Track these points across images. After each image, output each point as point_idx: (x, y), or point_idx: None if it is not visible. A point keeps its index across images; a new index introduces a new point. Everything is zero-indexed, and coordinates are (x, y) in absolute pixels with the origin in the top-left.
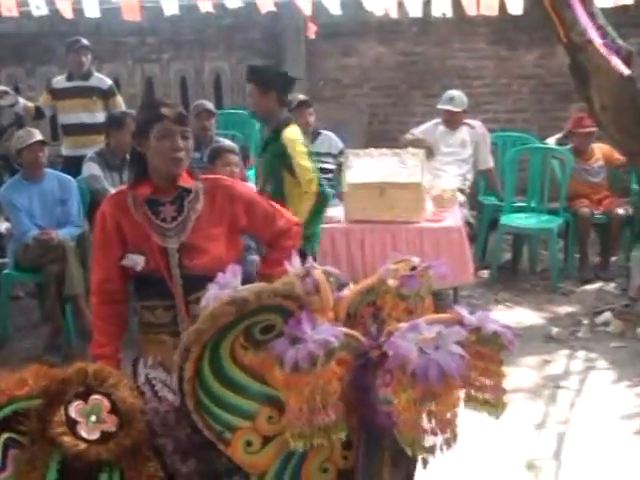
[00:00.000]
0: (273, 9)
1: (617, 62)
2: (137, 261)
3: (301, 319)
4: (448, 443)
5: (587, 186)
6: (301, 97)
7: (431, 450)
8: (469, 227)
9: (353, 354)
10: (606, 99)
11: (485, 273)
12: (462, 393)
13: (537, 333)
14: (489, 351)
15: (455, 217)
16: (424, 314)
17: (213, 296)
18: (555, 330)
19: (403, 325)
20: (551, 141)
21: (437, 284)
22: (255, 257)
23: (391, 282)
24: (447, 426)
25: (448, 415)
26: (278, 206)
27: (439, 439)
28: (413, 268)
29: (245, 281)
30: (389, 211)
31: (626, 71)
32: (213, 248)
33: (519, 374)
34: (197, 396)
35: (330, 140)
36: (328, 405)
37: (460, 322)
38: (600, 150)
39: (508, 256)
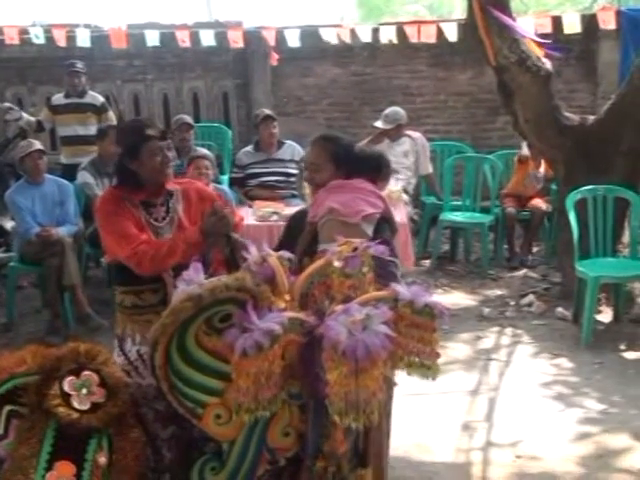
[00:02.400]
0: (242, 45)
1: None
2: None
3: (249, 310)
4: (369, 417)
5: (531, 188)
6: (267, 112)
7: (357, 419)
8: (413, 223)
9: (300, 333)
10: (528, 113)
11: (427, 262)
12: (401, 360)
13: (471, 313)
14: (423, 321)
15: (401, 214)
16: (366, 289)
17: (180, 291)
18: (486, 310)
19: (339, 308)
20: (524, 149)
21: None
22: None
23: (336, 263)
24: (372, 398)
25: (374, 387)
26: (230, 204)
27: (365, 408)
28: (355, 249)
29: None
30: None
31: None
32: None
33: (456, 348)
34: (170, 379)
35: (293, 149)
36: (271, 383)
37: (395, 297)
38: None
39: (446, 247)
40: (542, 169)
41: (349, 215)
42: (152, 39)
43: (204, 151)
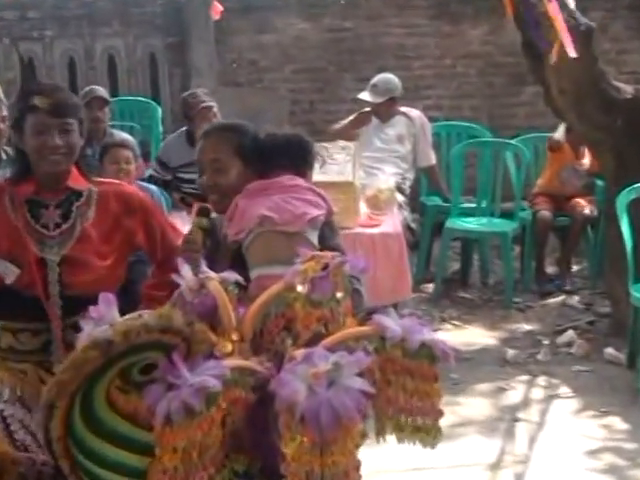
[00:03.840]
0: None
1: (568, 42)
2: (9, 270)
3: (175, 360)
4: None
5: (570, 185)
6: (203, 98)
7: None
8: (410, 232)
9: (248, 389)
10: (564, 82)
11: (429, 287)
12: (389, 421)
13: (490, 356)
14: (419, 366)
15: (393, 221)
16: (341, 322)
17: (85, 336)
18: (511, 352)
19: (299, 353)
20: (560, 132)
21: (371, 301)
22: None
23: (300, 288)
24: (344, 479)
25: (345, 465)
26: (170, 220)
27: None
28: (325, 267)
29: None
30: None
31: (573, 53)
32: (100, 265)
33: (470, 405)
34: (72, 456)
35: None
36: (207, 460)
37: (382, 333)
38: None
39: (456, 266)
40: (585, 160)
41: (289, 222)
42: None
43: (123, 136)
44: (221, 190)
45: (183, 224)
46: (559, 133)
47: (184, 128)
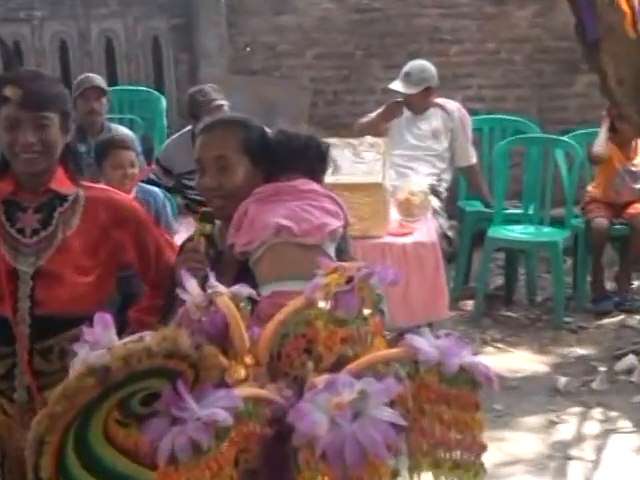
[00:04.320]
0: None
1: (629, 20)
2: None
3: (181, 389)
4: None
5: (627, 191)
6: (214, 96)
7: None
8: (446, 242)
9: (263, 422)
10: (623, 70)
11: (468, 304)
12: (424, 457)
13: (539, 384)
14: (458, 393)
15: (428, 229)
16: (369, 343)
17: (80, 362)
18: (563, 380)
19: (321, 380)
20: (600, 143)
21: (402, 320)
22: None
23: (322, 304)
24: None
25: None
26: (168, 236)
27: None
28: (349, 280)
29: None
30: None
31: (632, 34)
32: (79, 282)
33: (517, 440)
34: None
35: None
36: None
37: (414, 357)
38: None
39: (499, 281)
40: (639, 158)
41: (308, 233)
42: None
43: (122, 131)
44: (227, 193)
45: (189, 232)
46: (600, 145)
47: (189, 127)
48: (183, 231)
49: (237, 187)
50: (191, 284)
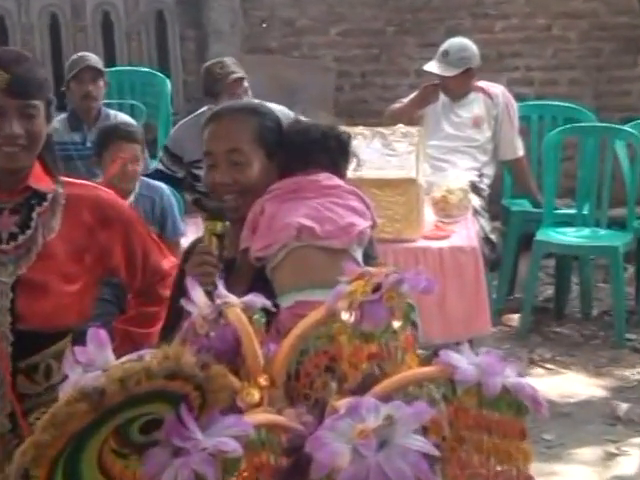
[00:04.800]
0: None
1: None
2: None
3: (184, 415)
4: None
5: None
6: (232, 68)
7: None
8: (489, 247)
9: (279, 452)
10: None
11: (514, 318)
12: None
13: (596, 411)
14: (501, 419)
15: (467, 231)
16: (400, 360)
17: (71, 385)
18: (623, 407)
19: (343, 404)
20: None
21: (438, 337)
22: None
23: (346, 315)
24: None
25: None
26: (156, 237)
27: None
28: (376, 287)
29: None
30: None
31: None
32: (65, 291)
33: (570, 474)
34: None
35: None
36: None
37: (450, 376)
38: None
39: (549, 291)
40: None
41: (333, 235)
42: None
43: (122, 118)
44: (241, 189)
45: (198, 233)
46: None
47: (205, 108)
48: (191, 232)
49: (252, 183)
50: (197, 293)
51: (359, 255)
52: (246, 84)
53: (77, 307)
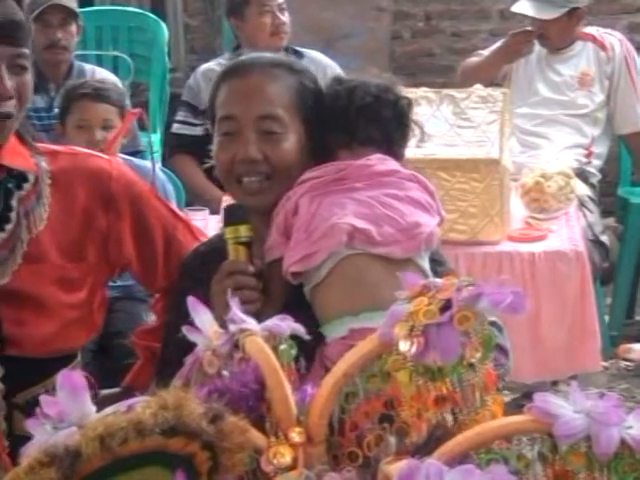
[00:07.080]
0: None
1: None
2: None
3: None
4: None
5: None
6: None
7: None
8: (600, 252)
9: None
10: None
11: (634, 349)
12: None
13: None
14: None
15: (570, 231)
16: (477, 405)
17: (36, 445)
18: None
19: (398, 468)
20: None
21: (531, 374)
22: None
23: (405, 346)
24: None
25: None
26: (181, 214)
27: None
28: (446, 306)
29: None
30: None
31: None
32: (66, 302)
33: None
34: None
35: (318, 67)
36: None
37: (550, 429)
38: None
39: None
40: None
41: (393, 240)
42: None
43: (101, 75)
44: (274, 171)
45: (206, 228)
46: None
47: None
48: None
49: (288, 163)
50: (203, 317)
51: (426, 263)
52: (283, 4)
53: (84, 322)
